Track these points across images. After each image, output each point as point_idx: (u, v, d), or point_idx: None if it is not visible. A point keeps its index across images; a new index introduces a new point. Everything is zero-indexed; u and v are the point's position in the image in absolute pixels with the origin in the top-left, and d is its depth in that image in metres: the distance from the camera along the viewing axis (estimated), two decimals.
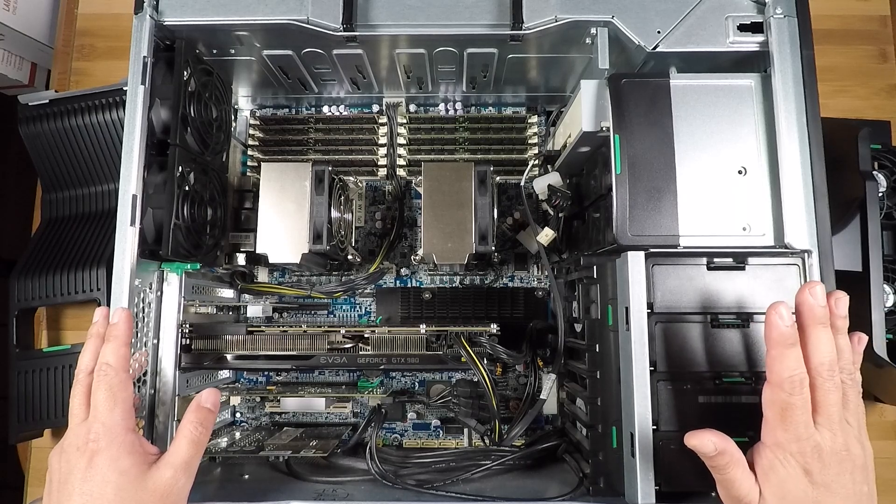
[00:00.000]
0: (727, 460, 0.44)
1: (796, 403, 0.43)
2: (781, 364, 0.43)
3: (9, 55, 0.98)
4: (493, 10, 0.59)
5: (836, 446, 0.43)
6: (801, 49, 0.55)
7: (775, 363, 0.44)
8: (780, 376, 0.43)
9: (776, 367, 0.44)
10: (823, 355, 0.44)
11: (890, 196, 0.69)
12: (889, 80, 0.86)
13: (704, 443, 0.44)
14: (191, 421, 0.51)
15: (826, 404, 0.43)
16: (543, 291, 0.79)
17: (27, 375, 0.74)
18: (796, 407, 0.43)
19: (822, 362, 0.43)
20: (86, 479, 0.46)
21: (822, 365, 0.43)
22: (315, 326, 0.68)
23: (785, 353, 0.43)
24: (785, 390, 0.43)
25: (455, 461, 0.65)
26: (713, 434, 0.45)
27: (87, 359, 0.51)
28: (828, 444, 0.43)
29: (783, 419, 0.43)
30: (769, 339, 0.44)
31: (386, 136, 0.81)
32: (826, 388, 0.43)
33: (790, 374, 0.43)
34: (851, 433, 0.44)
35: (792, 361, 0.43)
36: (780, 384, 0.43)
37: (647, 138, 0.54)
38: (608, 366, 0.55)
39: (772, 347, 0.44)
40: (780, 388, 0.43)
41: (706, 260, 0.51)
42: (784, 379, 0.43)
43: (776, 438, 0.44)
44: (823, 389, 0.43)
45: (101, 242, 0.76)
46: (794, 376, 0.43)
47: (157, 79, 0.59)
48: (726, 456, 0.44)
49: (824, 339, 0.44)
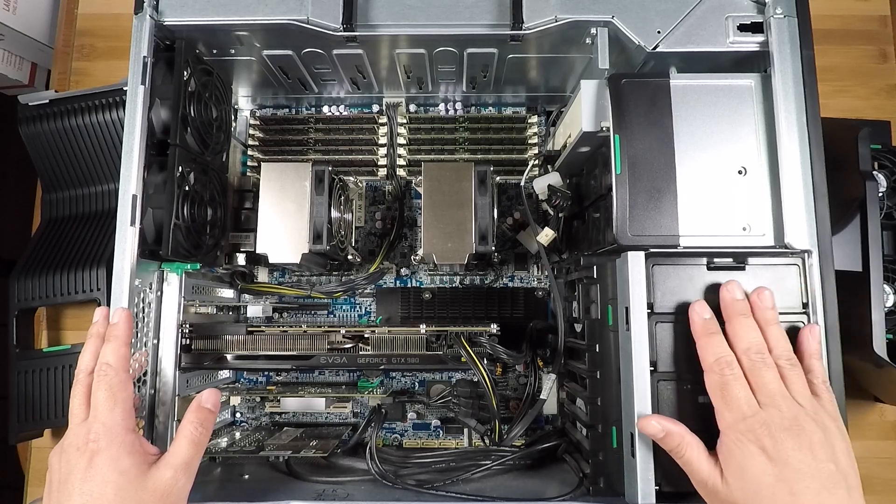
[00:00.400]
0: (677, 441, 0.46)
1: (729, 380, 0.45)
2: (708, 350, 0.47)
3: (9, 55, 0.98)
4: (493, 10, 0.59)
5: (784, 422, 0.43)
6: (801, 49, 0.55)
7: (703, 351, 0.47)
8: (709, 361, 0.47)
9: (705, 353, 0.47)
10: (747, 341, 0.47)
11: (890, 196, 0.69)
12: (889, 80, 0.86)
13: (650, 424, 0.47)
14: (191, 421, 0.51)
15: (762, 383, 0.45)
16: (543, 291, 0.79)
17: (27, 375, 0.74)
18: (730, 384, 0.45)
19: (749, 346, 0.46)
20: (86, 479, 0.46)
21: (748, 349, 0.46)
22: (315, 326, 0.68)
23: (709, 341, 0.47)
24: (715, 371, 0.46)
25: (455, 461, 0.65)
26: (659, 417, 0.47)
27: (87, 359, 0.51)
28: (775, 419, 0.43)
29: (724, 399, 0.45)
30: (694, 335, 0.48)
31: (386, 136, 0.81)
32: (756, 368, 0.46)
33: (716, 356, 0.46)
34: (802, 412, 0.44)
35: (717, 346, 0.47)
36: (710, 367, 0.46)
37: (647, 138, 0.54)
38: (608, 366, 0.55)
39: (698, 339, 0.48)
40: (712, 371, 0.46)
41: (706, 260, 0.51)
42: (713, 362, 0.46)
43: (725, 421, 0.45)
44: (755, 370, 0.46)
45: (101, 242, 0.76)
46: (720, 358, 0.46)
47: (157, 79, 0.59)
48: (675, 437, 0.46)
49: (746, 326, 0.47)
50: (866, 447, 0.78)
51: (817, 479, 0.42)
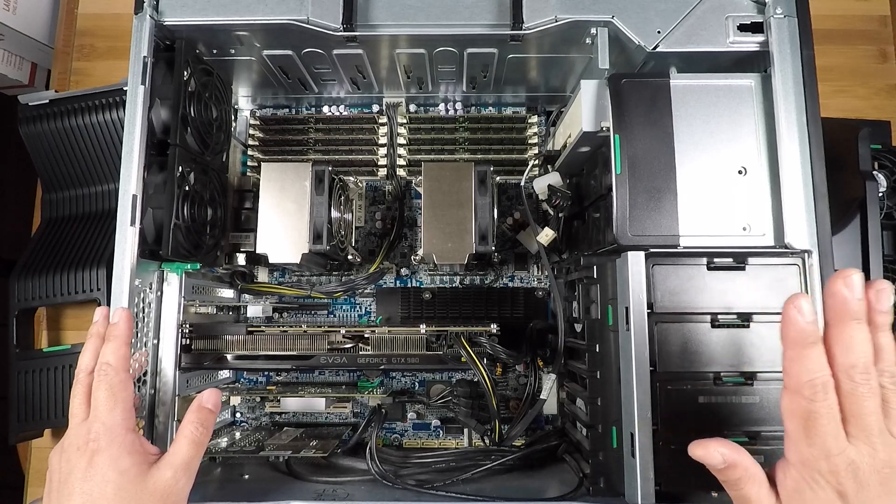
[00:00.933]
0: (739, 475, 0.40)
1: (820, 411, 0.37)
2: (800, 366, 0.38)
3: (9, 55, 0.98)
4: (493, 10, 0.59)
5: (876, 463, 0.36)
6: (801, 49, 0.55)
7: (793, 365, 0.38)
8: (798, 380, 0.38)
9: (794, 369, 0.38)
10: (857, 356, 0.37)
11: (890, 196, 0.69)
12: (889, 80, 0.86)
13: (711, 454, 0.40)
14: (191, 421, 0.51)
15: (861, 413, 0.37)
16: (543, 291, 0.79)
17: (27, 375, 0.74)
18: (821, 416, 0.37)
19: (855, 364, 0.37)
20: (86, 479, 0.46)
21: (854, 367, 0.37)
22: (315, 326, 0.68)
23: (804, 354, 0.38)
24: (805, 396, 0.37)
25: (455, 461, 0.65)
26: (721, 444, 0.40)
27: (87, 358, 0.51)
28: (865, 460, 0.37)
29: (807, 432, 0.37)
30: (786, 338, 0.38)
31: (386, 136, 0.81)
32: (860, 393, 0.37)
33: (810, 377, 0.37)
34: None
35: (812, 363, 0.37)
36: (798, 389, 0.38)
37: (647, 138, 0.54)
38: (608, 366, 0.55)
39: (788, 347, 0.38)
40: (799, 395, 0.38)
41: (706, 260, 0.51)
42: (804, 383, 0.37)
43: (801, 455, 0.38)
44: (856, 395, 0.37)
45: (101, 242, 0.76)
46: (815, 379, 0.37)
47: (157, 79, 0.59)
48: (738, 470, 0.40)
49: (859, 337, 0.37)
50: None
51: None
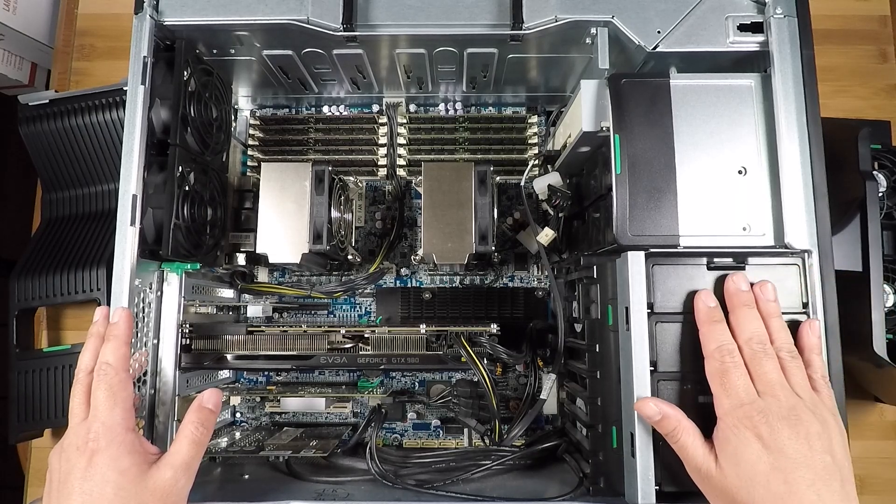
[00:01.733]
0: (673, 425, 0.46)
1: (729, 367, 0.46)
2: (710, 337, 0.47)
3: (9, 55, 0.98)
4: (493, 10, 0.59)
5: (781, 411, 0.44)
6: (801, 49, 0.55)
7: (705, 338, 0.48)
8: (710, 348, 0.47)
9: (706, 341, 0.48)
10: (750, 330, 0.47)
11: (890, 196, 0.69)
12: (889, 80, 0.86)
13: (648, 406, 0.47)
14: (192, 421, 0.51)
15: (762, 372, 0.45)
16: (543, 291, 0.79)
17: (27, 375, 0.74)
18: (730, 371, 0.46)
19: (751, 336, 0.47)
20: (86, 479, 0.46)
21: (750, 339, 0.47)
22: (315, 326, 0.68)
23: (712, 328, 0.48)
24: (716, 358, 0.46)
25: (455, 461, 0.65)
26: (657, 400, 0.47)
27: (87, 358, 0.51)
28: (773, 408, 0.44)
29: (723, 386, 0.46)
30: (698, 322, 0.49)
31: (386, 136, 0.81)
32: (758, 357, 0.46)
33: (718, 343, 0.47)
34: (801, 403, 0.44)
35: (719, 334, 0.47)
36: (711, 354, 0.47)
37: (647, 138, 0.54)
38: (608, 366, 0.55)
39: (700, 326, 0.48)
40: (713, 359, 0.47)
41: (706, 260, 0.51)
42: (714, 349, 0.47)
43: (723, 408, 0.45)
44: (756, 360, 0.46)
45: (101, 242, 0.76)
46: (722, 346, 0.47)
47: (157, 79, 0.59)
48: (671, 420, 0.46)
49: (749, 316, 0.48)
50: (866, 447, 0.78)
51: (812, 470, 0.42)
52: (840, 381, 0.50)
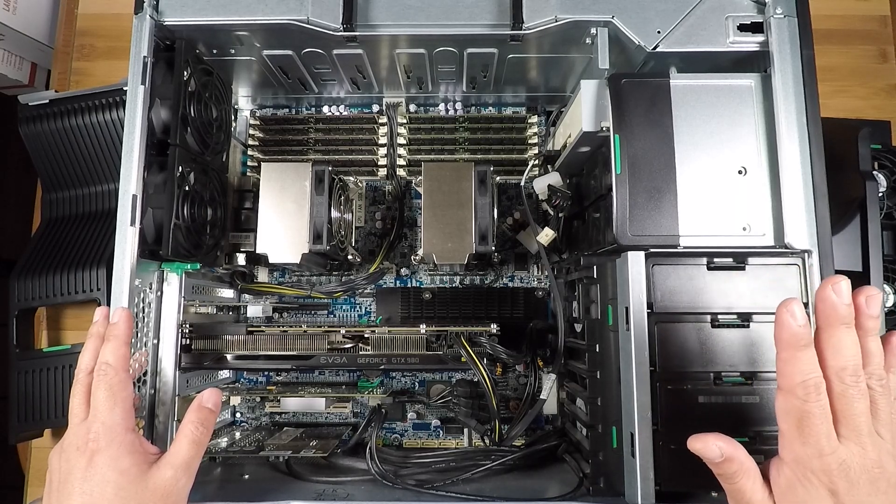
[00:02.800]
0: (735, 468, 0.41)
1: (813, 411, 0.38)
2: (794, 367, 0.39)
3: (9, 55, 0.98)
4: (493, 10, 0.59)
5: (866, 462, 0.38)
6: (801, 49, 0.55)
7: (787, 367, 0.40)
8: (792, 381, 0.39)
9: (788, 370, 0.40)
10: (846, 359, 0.39)
11: (890, 196, 0.69)
12: (889, 80, 0.86)
13: (709, 447, 0.41)
14: (192, 421, 0.51)
15: (851, 414, 0.39)
16: (543, 291, 0.79)
17: (27, 375, 0.74)
18: (814, 415, 0.38)
19: (845, 366, 0.39)
20: (86, 479, 0.46)
21: (844, 370, 0.39)
22: (315, 326, 0.68)
23: (797, 356, 0.39)
24: (799, 397, 0.39)
25: (455, 461, 0.65)
26: (719, 438, 0.42)
27: (87, 358, 0.51)
28: (856, 460, 0.38)
29: (801, 431, 0.39)
30: (779, 340, 0.40)
31: (386, 136, 0.81)
32: (850, 395, 0.39)
33: (803, 378, 0.39)
34: (884, 447, 0.39)
35: (805, 364, 0.39)
36: (792, 390, 0.39)
37: (647, 138, 0.54)
38: (608, 366, 0.55)
39: (782, 350, 0.40)
40: (793, 395, 0.39)
41: (706, 260, 0.51)
42: (797, 384, 0.39)
43: (795, 454, 0.39)
44: (847, 397, 0.39)
45: (101, 242, 0.76)
46: (807, 381, 0.39)
47: (157, 79, 0.59)
48: (734, 464, 0.41)
49: (847, 340, 0.39)
50: None
51: None
52: None
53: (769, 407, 0.49)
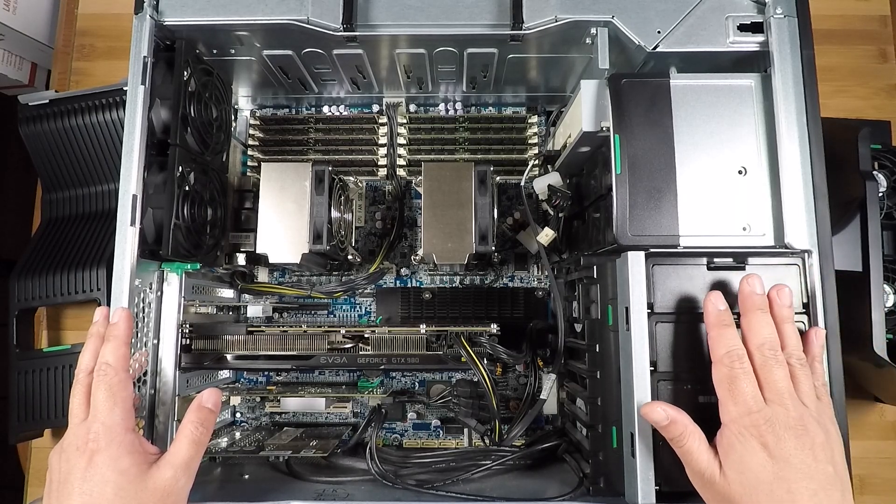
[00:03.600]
0: (680, 430, 0.46)
1: (738, 374, 0.45)
2: (719, 342, 0.46)
3: (9, 55, 0.98)
4: (493, 10, 0.59)
5: (789, 420, 0.43)
6: (801, 49, 0.55)
7: (714, 342, 0.47)
8: (719, 353, 0.46)
9: (715, 345, 0.47)
10: (762, 336, 0.46)
11: (890, 196, 0.69)
12: (889, 80, 0.86)
13: (655, 411, 0.46)
14: (191, 421, 0.51)
15: (772, 380, 0.45)
16: (543, 291, 0.79)
17: (27, 375, 0.74)
18: (739, 378, 0.45)
19: (762, 343, 0.46)
20: (85, 479, 0.46)
21: (762, 345, 0.46)
22: (315, 326, 0.68)
23: (722, 332, 0.47)
24: (725, 364, 0.45)
25: (455, 461, 0.65)
26: (663, 404, 0.47)
27: (86, 358, 0.51)
28: (780, 417, 0.43)
29: (731, 393, 0.45)
30: (707, 324, 0.48)
31: (386, 136, 0.81)
32: (769, 365, 0.45)
33: (728, 349, 0.46)
34: (807, 412, 0.44)
35: (729, 339, 0.46)
36: (721, 360, 0.46)
37: (647, 138, 0.54)
38: (608, 366, 0.55)
39: (710, 329, 0.47)
40: (721, 364, 0.46)
41: (706, 260, 0.51)
42: (723, 354, 0.46)
43: (730, 414, 0.45)
44: (766, 367, 0.45)
45: (101, 242, 0.76)
46: (731, 351, 0.46)
47: (157, 79, 0.59)
48: (678, 426, 0.46)
49: (762, 322, 0.47)
50: (866, 447, 0.78)
51: (815, 480, 0.42)
52: (840, 381, 0.50)
53: None
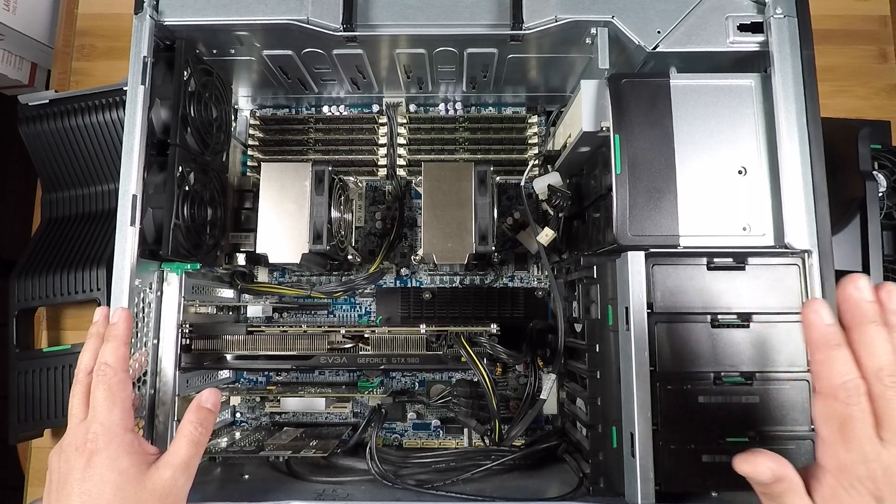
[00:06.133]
0: (785, 487, 0.39)
1: (856, 415, 0.37)
2: (831, 369, 0.38)
3: (9, 55, 0.98)
4: (493, 10, 0.59)
5: None
6: (801, 49, 0.55)
7: (823, 369, 0.38)
8: (831, 384, 0.37)
9: (825, 373, 0.38)
10: (883, 358, 0.37)
11: (890, 196, 0.69)
12: (889, 80, 0.86)
13: (761, 470, 0.39)
14: (191, 421, 0.51)
15: (892, 417, 0.37)
16: (543, 291, 0.79)
17: (27, 375, 0.74)
18: (856, 419, 0.37)
19: (882, 366, 0.37)
20: (84, 479, 0.46)
21: (881, 370, 0.37)
22: (315, 326, 0.68)
23: (832, 356, 0.38)
24: (840, 400, 0.37)
25: (455, 461, 0.65)
26: (768, 458, 0.39)
27: (86, 358, 0.51)
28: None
29: (844, 436, 0.37)
30: (810, 343, 0.39)
31: (386, 136, 0.81)
32: (889, 396, 0.37)
33: (843, 379, 0.37)
34: None
35: (843, 365, 0.37)
36: (833, 393, 0.37)
37: (647, 138, 0.54)
38: (608, 366, 0.55)
39: (816, 351, 0.38)
40: (833, 399, 0.37)
41: (706, 260, 0.51)
42: (837, 386, 0.37)
43: (839, 460, 0.38)
44: (886, 398, 0.37)
45: (101, 242, 0.76)
46: (847, 382, 0.37)
47: (157, 79, 0.59)
48: (785, 483, 0.39)
49: (879, 339, 0.37)
50: None
51: None
52: None
53: (769, 407, 0.49)
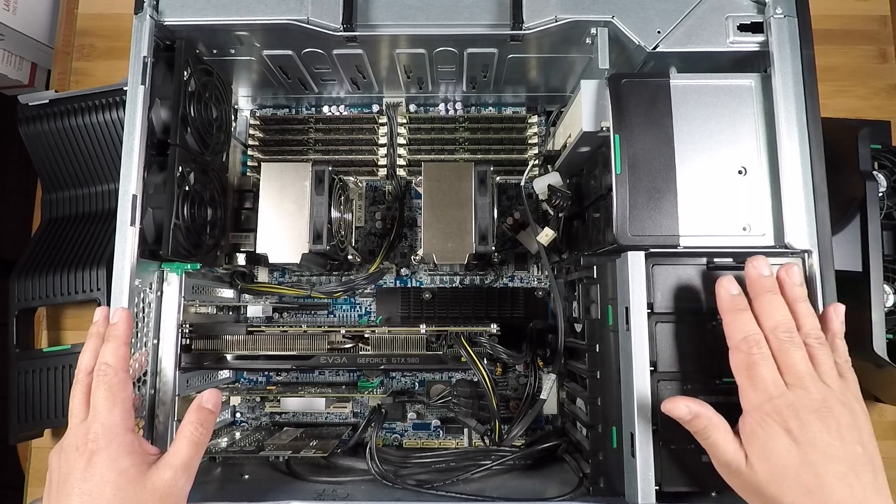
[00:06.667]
0: (704, 423, 0.45)
1: (757, 360, 0.44)
2: (735, 327, 0.46)
3: (9, 55, 0.98)
4: (493, 10, 0.59)
5: (812, 403, 0.42)
6: (801, 49, 0.55)
7: (730, 328, 0.46)
8: (735, 338, 0.45)
9: (732, 331, 0.46)
10: (775, 319, 0.45)
11: (890, 196, 0.69)
12: (889, 80, 0.86)
13: (678, 407, 0.45)
14: (191, 421, 0.51)
15: (790, 363, 0.44)
16: (543, 291, 0.79)
17: (27, 375, 0.74)
18: (758, 364, 0.44)
19: (777, 325, 0.45)
20: (85, 479, 0.46)
21: (776, 328, 0.45)
22: (315, 326, 0.68)
23: (737, 317, 0.46)
24: (742, 350, 0.45)
25: (455, 461, 0.65)
26: (686, 399, 0.46)
27: (86, 359, 0.51)
28: (803, 401, 0.42)
29: (750, 379, 0.44)
30: (722, 309, 0.47)
31: (386, 136, 0.81)
32: (785, 347, 0.44)
33: (745, 334, 0.45)
34: (830, 392, 0.43)
35: (745, 324, 0.45)
36: (738, 346, 0.45)
37: (647, 138, 0.54)
38: (608, 366, 0.55)
39: (725, 314, 0.47)
40: (739, 350, 0.45)
41: (706, 260, 0.51)
42: (740, 340, 0.45)
43: (751, 402, 0.44)
44: (783, 350, 0.44)
45: (101, 242, 0.76)
46: (748, 336, 0.45)
47: (157, 79, 0.59)
48: (703, 419, 0.45)
49: (774, 303, 0.46)
50: None
51: (844, 462, 0.41)
52: None
53: None
